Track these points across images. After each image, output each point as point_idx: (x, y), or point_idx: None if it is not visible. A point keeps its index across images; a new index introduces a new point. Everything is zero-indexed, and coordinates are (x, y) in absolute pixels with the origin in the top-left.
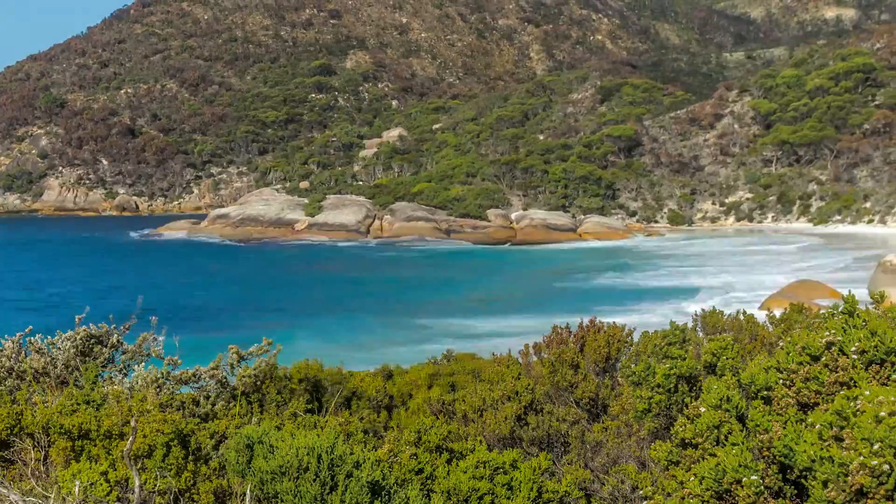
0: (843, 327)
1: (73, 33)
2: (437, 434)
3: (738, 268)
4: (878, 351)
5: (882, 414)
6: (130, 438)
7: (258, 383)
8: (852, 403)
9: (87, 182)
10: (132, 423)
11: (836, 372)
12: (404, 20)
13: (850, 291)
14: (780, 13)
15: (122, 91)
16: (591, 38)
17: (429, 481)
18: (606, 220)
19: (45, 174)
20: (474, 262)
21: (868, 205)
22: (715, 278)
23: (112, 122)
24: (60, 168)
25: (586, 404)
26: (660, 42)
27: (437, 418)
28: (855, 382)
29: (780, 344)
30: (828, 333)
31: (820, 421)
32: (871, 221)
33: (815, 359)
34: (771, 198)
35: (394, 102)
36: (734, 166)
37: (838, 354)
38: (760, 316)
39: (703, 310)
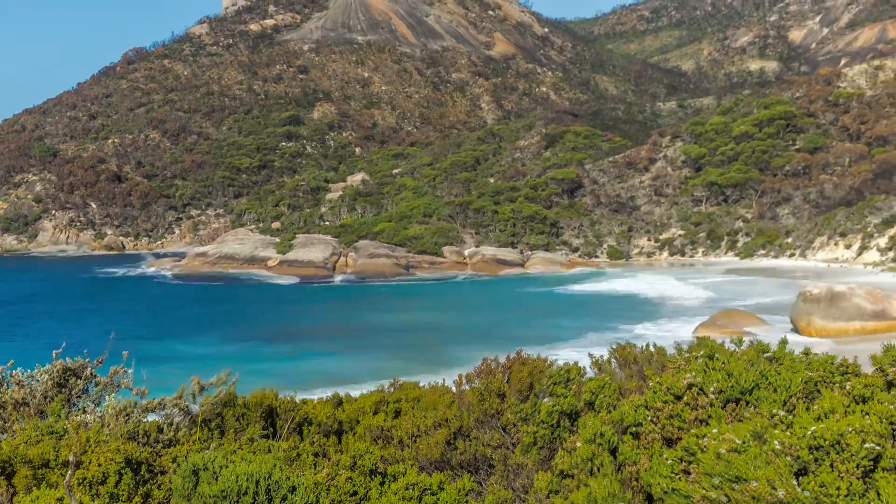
0: (703, 369)
1: (65, 89)
2: (371, 459)
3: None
4: (733, 390)
5: (722, 451)
6: (70, 471)
7: (218, 411)
8: (701, 440)
9: (78, 224)
10: (71, 458)
11: (697, 410)
12: (366, 74)
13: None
14: (708, 66)
15: (110, 141)
16: (537, 89)
17: (363, 502)
18: (551, 255)
19: (40, 217)
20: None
21: (790, 240)
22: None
23: (100, 169)
24: (53, 211)
25: (511, 430)
26: (599, 93)
27: (377, 443)
28: (710, 420)
29: (650, 384)
30: (689, 375)
31: (672, 456)
32: (792, 255)
33: (678, 398)
34: (701, 234)
35: (357, 149)
36: (667, 206)
37: (698, 394)
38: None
39: (617, 343)
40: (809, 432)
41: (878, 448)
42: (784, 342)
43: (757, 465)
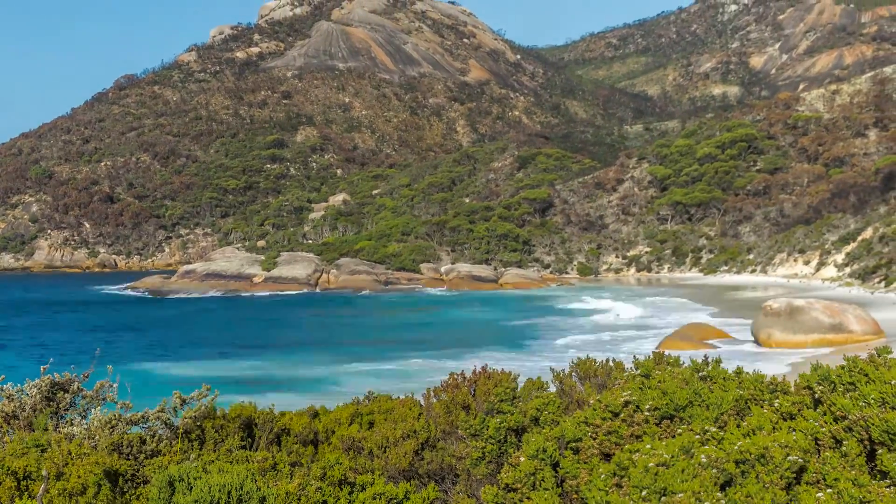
0: (639, 388)
1: (59, 114)
2: (340, 469)
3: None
4: (668, 408)
5: (650, 465)
6: (43, 485)
7: (199, 423)
8: (633, 455)
9: (73, 243)
10: (45, 473)
11: (633, 426)
12: (347, 100)
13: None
14: (673, 91)
15: (102, 163)
16: (510, 113)
17: None
18: (524, 271)
19: (36, 236)
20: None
21: (751, 256)
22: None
23: (94, 190)
24: (49, 231)
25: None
26: (569, 116)
27: (349, 454)
28: (644, 436)
29: (591, 402)
30: (626, 393)
31: (606, 470)
32: (753, 271)
33: (616, 415)
34: (667, 251)
35: (338, 171)
36: (634, 224)
37: (634, 411)
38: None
39: (578, 357)
40: (737, 447)
41: (800, 461)
42: (718, 361)
43: (683, 478)
